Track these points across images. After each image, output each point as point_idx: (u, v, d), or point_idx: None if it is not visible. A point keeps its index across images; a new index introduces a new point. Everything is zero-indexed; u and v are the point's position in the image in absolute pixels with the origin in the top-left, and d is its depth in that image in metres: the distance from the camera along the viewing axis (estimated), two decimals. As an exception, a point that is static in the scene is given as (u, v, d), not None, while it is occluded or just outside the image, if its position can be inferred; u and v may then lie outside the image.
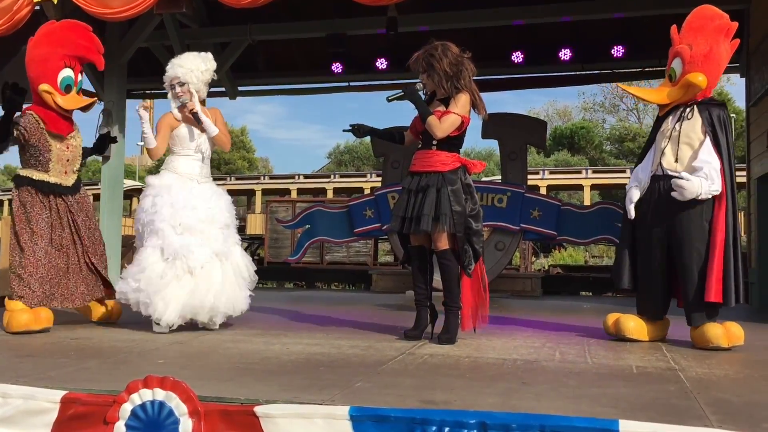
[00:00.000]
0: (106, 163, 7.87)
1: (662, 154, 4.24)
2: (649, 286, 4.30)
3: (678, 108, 4.27)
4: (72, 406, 2.71)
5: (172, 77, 4.90)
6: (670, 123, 4.28)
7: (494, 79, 9.62)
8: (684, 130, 4.18)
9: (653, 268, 4.27)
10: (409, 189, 4.30)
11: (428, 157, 4.30)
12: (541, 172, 19.61)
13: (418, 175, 4.31)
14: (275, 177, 24.11)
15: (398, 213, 4.33)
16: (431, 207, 4.15)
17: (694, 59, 4.12)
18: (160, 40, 8.57)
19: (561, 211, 7.92)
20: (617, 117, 40.75)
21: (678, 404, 2.69)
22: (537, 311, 6.44)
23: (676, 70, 4.22)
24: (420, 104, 4.29)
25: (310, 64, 9.74)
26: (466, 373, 3.30)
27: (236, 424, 2.56)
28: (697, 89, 4.15)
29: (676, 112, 4.27)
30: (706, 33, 4.13)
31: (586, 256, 19.87)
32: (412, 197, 4.27)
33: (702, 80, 4.10)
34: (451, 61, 4.23)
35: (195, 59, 4.94)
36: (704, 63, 4.11)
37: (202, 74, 4.93)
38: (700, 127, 4.15)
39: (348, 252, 14.81)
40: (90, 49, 5.03)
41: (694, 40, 4.14)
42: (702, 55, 4.11)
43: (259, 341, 4.27)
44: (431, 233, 4.21)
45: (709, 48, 4.11)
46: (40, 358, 3.69)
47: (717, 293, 4.04)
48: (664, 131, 4.29)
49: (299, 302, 7.25)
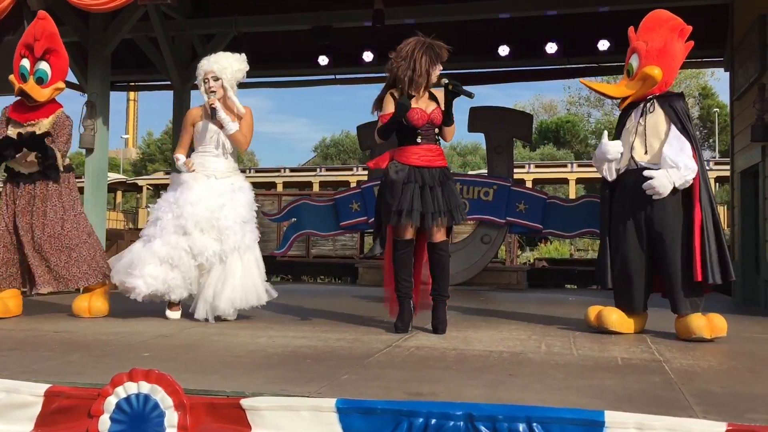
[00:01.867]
0: (90, 156, 7.80)
1: (632, 148, 4.34)
2: (628, 280, 4.33)
3: (638, 104, 4.40)
4: (56, 400, 2.68)
5: (207, 71, 4.96)
6: (633, 119, 4.41)
7: (480, 73, 9.64)
8: (649, 123, 4.32)
9: (632, 261, 4.31)
10: (423, 183, 4.25)
11: (435, 152, 4.35)
12: (527, 165, 19.70)
13: (426, 169, 4.28)
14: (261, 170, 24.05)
15: (417, 207, 4.20)
16: (451, 201, 4.27)
17: (649, 53, 4.31)
18: (145, 32, 8.50)
19: (547, 205, 7.96)
20: (602, 111, 40.98)
21: (663, 395, 2.71)
22: (523, 304, 6.46)
23: (634, 65, 4.40)
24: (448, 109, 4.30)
25: (296, 57, 9.70)
26: (453, 365, 3.31)
27: (222, 416, 2.55)
28: (653, 81, 4.29)
29: (637, 108, 4.41)
30: (660, 31, 4.34)
31: (572, 249, 19.99)
32: (427, 191, 4.24)
33: (658, 73, 4.26)
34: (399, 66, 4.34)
35: (230, 57, 5.05)
36: (659, 57, 4.30)
37: (235, 72, 5.03)
38: (664, 118, 4.28)
39: (334, 245, 14.80)
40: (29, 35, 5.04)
41: (649, 37, 4.35)
42: (657, 50, 4.30)
43: (245, 334, 4.26)
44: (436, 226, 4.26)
45: (663, 43, 4.31)
46: (24, 351, 3.65)
47: (697, 272, 4.10)
48: (629, 127, 4.41)
49: (285, 295, 7.21)
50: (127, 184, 24.16)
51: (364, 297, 6.82)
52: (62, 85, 5.12)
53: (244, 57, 5.13)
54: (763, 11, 6.40)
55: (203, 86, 4.99)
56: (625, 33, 4.51)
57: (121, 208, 25.59)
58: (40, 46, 4.99)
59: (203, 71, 4.98)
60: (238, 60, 5.07)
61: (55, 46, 5.04)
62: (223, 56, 5.06)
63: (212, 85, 4.94)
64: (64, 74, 5.16)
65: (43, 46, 4.99)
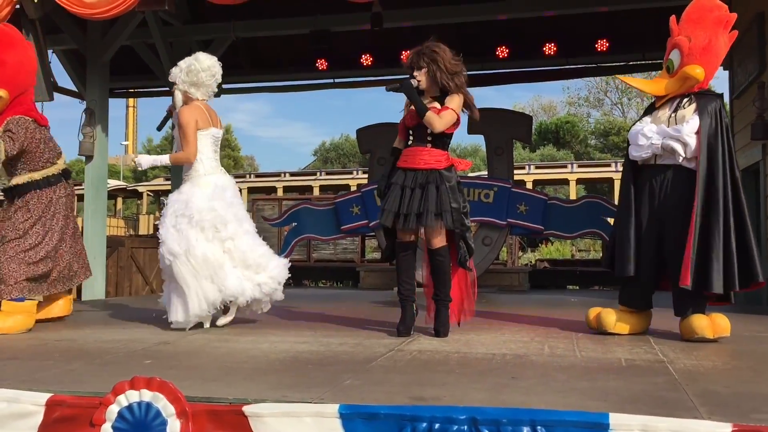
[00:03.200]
0: (90, 163, 7.80)
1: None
2: (639, 276, 4.29)
3: (674, 99, 4.27)
4: (57, 409, 2.67)
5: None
6: (667, 112, 4.26)
7: (479, 75, 9.63)
8: (677, 116, 4.19)
9: (644, 257, 4.26)
10: (404, 185, 4.28)
11: (423, 154, 4.31)
12: (527, 167, 19.66)
13: (412, 171, 4.30)
14: (261, 175, 24.02)
15: (391, 208, 4.28)
16: (434, 203, 4.19)
17: (692, 51, 4.12)
18: (143, 38, 8.50)
19: (548, 206, 7.94)
20: (602, 111, 40.97)
21: (667, 396, 2.70)
22: (525, 306, 6.45)
23: (674, 61, 4.21)
24: (416, 98, 4.27)
25: (294, 61, 9.70)
26: (456, 369, 3.29)
27: (225, 424, 2.54)
28: (694, 81, 4.15)
29: (672, 103, 4.27)
30: (705, 24, 4.13)
31: (573, 250, 19.96)
32: (407, 193, 4.25)
33: (699, 72, 4.09)
34: (451, 59, 4.28)
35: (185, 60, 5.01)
36: (702, 55, 4.11)
37: (184, 74, 4.94)
38: (693, 113, 4.15)
39: (335, 249, 14.77)
40: None
41: (692, 31, 4.14)
42: (700, 48, 4.11)
43: (246, 340, 4.24)
44: (430, 230, 4.24)
45: (707, 40, 4.11)
46: (24, 361, 3.64)
47: (684, 278, 4.01)
48: (659, 118, 4.27)
49: (287, 300, 7.18)
50: (128, 191, 24.14)
51: (366, 301, 6.81)
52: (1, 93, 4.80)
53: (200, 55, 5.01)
54: (761, 9, 6.39)
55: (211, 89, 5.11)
56: (623, 33, 4.48)
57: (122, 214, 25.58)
58: None
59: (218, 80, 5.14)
60: (185, 61, 4.99)
61: None
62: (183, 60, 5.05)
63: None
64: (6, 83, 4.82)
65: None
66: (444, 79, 4.24)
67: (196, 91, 4.98)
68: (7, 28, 5.05)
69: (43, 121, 5.05)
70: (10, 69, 4.83)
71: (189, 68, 4.94)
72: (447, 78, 4.24)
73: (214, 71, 5.02)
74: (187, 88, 4.97)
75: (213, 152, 5.00)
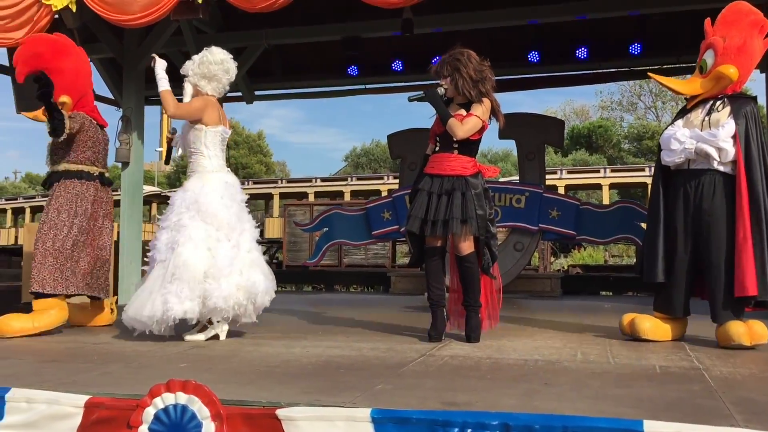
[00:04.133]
0: (126, 169, 7.94)
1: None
2: (673, 282, 4.23)
3: (706, 101, 4.21)
4: (96, 411, 2.73)
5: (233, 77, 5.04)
6: (700, 115, 4.20)
7: (510, 79, 9.58)
8: (711, 120, 4.12)
9: (677, 261, 4.20)
10: (430, 191, 4.31)
11: (450, 161, 4.33)
12: (559, 171, 19.53)
13: (438, 177, 4.33)
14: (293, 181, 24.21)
15: (417, 214, 4.32)
16: (459, 210, 4.21)
17: (727, 51, 4.08)
18: (178, 47, 8.63)
19: (580, 211, 7.88)
20: (635, 115, 40.53)
21: (703, 404, 2.66)
22: (557, 312, 6.40)
23: (708, 61, 4.16)
24: (440, 106, 4.30)
25: (325, 68, 9.75)
26: (488, 375, 3.29)
27: (258, 426, 2.57)
28: (727, 81, 4.10)
29: (705, 105, 4.21)
30: (740, 26, 4.10)
31: (606, 255, 19.75)
32: (434, 199, 4.29)
33: (733, 72, 4.05)
34: (475, 67, 4.29)
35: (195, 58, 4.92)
36: (737, 56, 4.07)
37: (197, 66, 4.85)
38: (727, 116, 4.09)
39: (366, 254, 14.83)
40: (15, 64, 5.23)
41: (727, 32, 4.10)
42: (735, 48, 4.07)
43: (279, 344, 4.28)
44: (457, 236, 4.24)
45: (743, 41, 4.07)
46: (64, 363, 3.72)
47: (751, 287, 3.94)
48: (692, 121, 4.22)
49: (318, 305, 7.25)
50: (162, 196, 24.51)
51: (397, 306, 6.82)
52: (64, 99, 5.05)
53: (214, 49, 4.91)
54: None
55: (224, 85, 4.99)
56: (656, 36, 4.43)
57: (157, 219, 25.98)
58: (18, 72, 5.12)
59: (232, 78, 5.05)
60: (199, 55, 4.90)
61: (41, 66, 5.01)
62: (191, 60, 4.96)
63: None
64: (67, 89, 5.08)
65: (21, 72, 5.10)
66: (466, 87, 4.27)
67: (207, 85, 4.84)
68: (60, 38, 5.25)
69: (102, 121, 5.35)
70: (69, 76, 5.12)
71: (201, 59, 4.84)
72: (469, 86, 4.27)
73: (227, 66, 4.88)
74: (198, 80, 4.83)
75: (221, 150, 4.86)
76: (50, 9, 5.76)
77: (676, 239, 4.21)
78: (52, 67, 5.04)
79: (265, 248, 20.20)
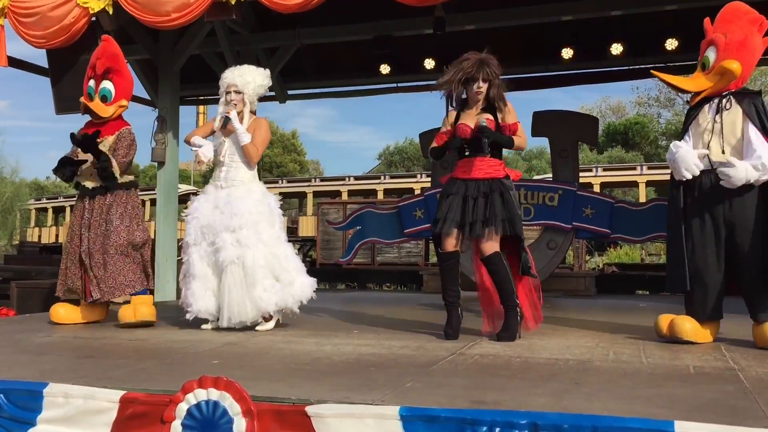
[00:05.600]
0: (161, 168, 8.06)
1: (708, 148, 4.10)
2: (703, 286, 4.13)
3: (711, 99, 4.18)
4: (130, 406, 2.79)
5: (230, 84, 5.06)
6: (708, 116, 4.16)
7: (544, 76, 9.50)
8: (726, 121, 4.07)
9: (709, 266, 4.11)
10: (466, 195, 4.34)
11: (482, 164, 4.38)
12: (594, 169, 19.30)
13: (473, 181, 4.35)
14: (326, 179, 24.32)
15: (454, 217, 4.33)
16: (500, 210, 4.28)
17: (729, 47, 4.08)
18: (212, 47, 8.73)
19: (614, 209, 7.77)
20: (673, 111, 39.78)
21: (737, 405, 2.62)
22: (591, 311, 6.34)
23: (710, 58, 4.17)
24: (500, 137, 4.35)
25: (357, 67, 9.79)
26: (518, 374, 3.27)
27: (288, 423, 2.60)
28: (731, 76, 4.07)
29: (711, 104, 4.17)
30: (740, 24, 4.12)
31: (642, 254, 19.47)
32: (470, 202, 4.32)
33: (737, 67, 4.03)
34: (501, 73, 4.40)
35: (254, 72, 5.13)
36: (739, 51, 4.07)
37: (257, 88, 5.12)
38: (742, 116, 4.05)
39: (399, 253, 14.85)
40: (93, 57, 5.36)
41: (728, 29, 4.12)
42: (737, 43, 4.08)
43: (310, 342, 4.32)
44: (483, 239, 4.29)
45: (744, 37, 4.08)
46: (100, 359, 3.80)
47: None
48: (702, 124, 4.17)
49: (351, 303, 7.29)
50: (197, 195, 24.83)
51: (429, 304, 6.81)
52: (125, 102, 5.35)
53: (268, 72, 5.23)
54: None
55: (224, 97, 5.09)
56: (693, 31, 4.37)
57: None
58: (101, 65, 5.26)
59: (226, 83, 5.09)
60: (262, 75, 5.14)
61: (117, 66, 5.32)
62: (248, 70, 5.14)
63: (234, 98, 5.03)
64: (128, 93, 5.42)
65: (104, 65, 5.25)
66: (500, 93, 4.34)
67: (255, 104, 5.15)
68: (112, 42, 5.38)
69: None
70: (127, 80, 5.40)
71: (263, 83, 5.11)
72: (503, 92, 4.35)
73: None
74: (254, 99, 5.12)
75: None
76: (87, 11, 5.88)
77: (703, 242, 4.11)
78: (120, 69, 5.34)
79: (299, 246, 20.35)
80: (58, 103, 7.10)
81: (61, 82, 6.94)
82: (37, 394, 2.92)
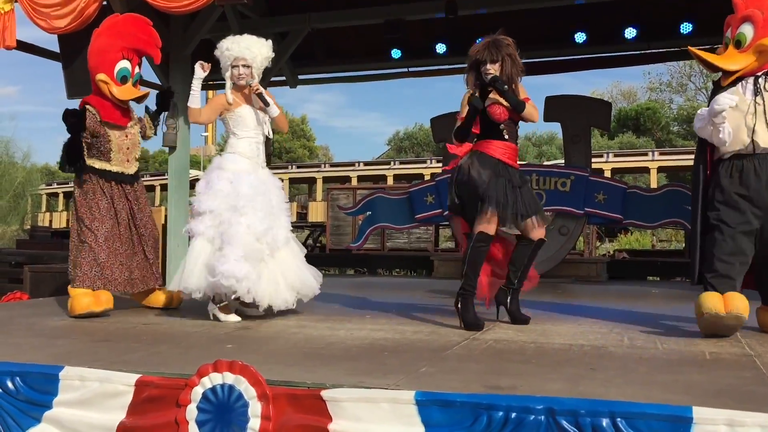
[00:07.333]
0: (173, 154, 8.06)
1: (753, 132, 3.82)
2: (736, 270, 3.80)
3: (745, 79, 3.92)
4: (146, 389, 2.80)
5: (238, 57, 4.79)
6: (746, 96, 3.89)
7: (556, 61, 9.43)
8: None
9: (745, 252, 3.81)
10: (512, 181, 4.23)
11: (515, 153, 4.37)
12: (606, 155, 19.19)
13: (514, 169, 4.32)
14: (336, 165, 24.27)
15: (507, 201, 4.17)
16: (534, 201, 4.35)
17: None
18: (222, 32, 8.69)
19: (627, 195, 7.75)
20: (685, 97, 39.49)
21: (754, 390, 2.60)
22: (603, 297, 6.32)
23: (747, 35, 3.90)
24: (510, 95, 4.21)
25: (367, 52, 9.73)
26: (532, 359, 3.27)
27: (304, 407, 2.60)
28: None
29: (745, 84, 3.93)
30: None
31: (654, 240, 19.38)
32: (517, 191, 4.23)
33: None
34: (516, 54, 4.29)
35: (260, 44, 4.88)
36: None
37: (264, 60, 4.90)
38: None
39: (409, 238, 14.81)
40: (148, 43, 5.20)
41: (761, 6, 3.88)
42: None
43: (323, 327, 4.32)
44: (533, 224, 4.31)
45: None
46: (115, 343, 3.82)
47: None
48: (740, 106, 3.87)
49: (362, 288, 7.29)
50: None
51: (440, 290, 6.81)
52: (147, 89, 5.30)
53: (270, 42, 4.94)
54: None
55: (231, 71, 4.83)
56: (707, 15, 4.25)
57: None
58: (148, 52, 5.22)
59: (233, 56, 4.80)
60: (267, 46, 4.89)
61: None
62: (254, 43, 4.85)
63: (243, 72, 4.77)
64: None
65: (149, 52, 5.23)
66: (514, 72, 4.24)
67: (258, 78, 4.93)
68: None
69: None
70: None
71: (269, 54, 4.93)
72: (516, 71, 4.26)
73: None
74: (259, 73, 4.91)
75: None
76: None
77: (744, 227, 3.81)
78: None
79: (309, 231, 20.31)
80: (69, 87, 7.10)
81: (72, 65, 6.93)
82: (52, 377, 2.94)
